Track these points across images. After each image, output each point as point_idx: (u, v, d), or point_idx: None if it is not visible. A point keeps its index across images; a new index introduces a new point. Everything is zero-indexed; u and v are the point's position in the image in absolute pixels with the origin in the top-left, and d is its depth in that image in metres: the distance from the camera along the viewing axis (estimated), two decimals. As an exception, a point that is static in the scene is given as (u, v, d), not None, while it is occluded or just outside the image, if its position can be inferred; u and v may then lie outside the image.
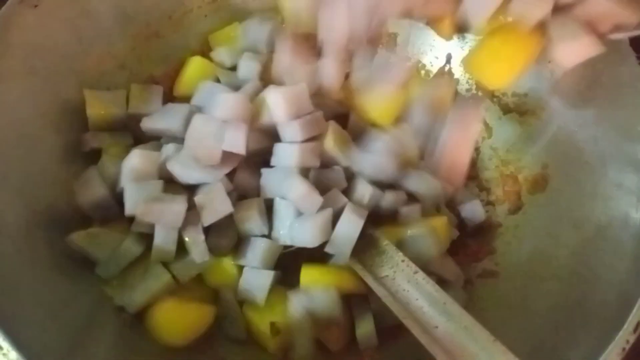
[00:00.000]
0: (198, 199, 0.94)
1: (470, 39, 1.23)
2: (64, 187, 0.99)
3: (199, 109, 1.05)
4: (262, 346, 0.99)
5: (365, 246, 0.97)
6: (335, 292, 0.96)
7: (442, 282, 0.94)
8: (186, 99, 1.13)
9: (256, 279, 0.96)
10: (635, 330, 0.76)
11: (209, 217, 0.94)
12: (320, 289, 0.96)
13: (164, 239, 0.94)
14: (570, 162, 1.05)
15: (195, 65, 1.18)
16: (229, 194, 0.96)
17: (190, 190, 0.98)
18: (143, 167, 0.97)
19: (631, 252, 0.86)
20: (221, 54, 1.19)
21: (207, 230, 0.97)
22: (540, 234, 1.06)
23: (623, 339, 0.76)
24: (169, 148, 1.00)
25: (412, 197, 1.04)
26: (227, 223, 0.96)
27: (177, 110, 1.06)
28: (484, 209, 1.15)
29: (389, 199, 1.01)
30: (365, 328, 1.00)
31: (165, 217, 0.92)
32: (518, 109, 1.18)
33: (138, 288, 0.95)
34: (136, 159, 0.97)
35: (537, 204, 1.10)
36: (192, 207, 0.95)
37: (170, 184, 0.99)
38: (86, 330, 0.88)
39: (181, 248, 0.96)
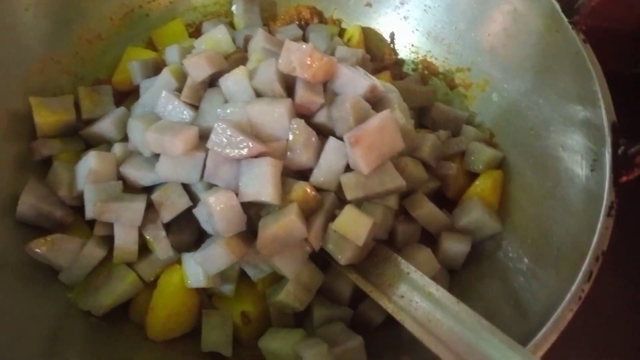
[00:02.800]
0: (155, 196, 0.94)
1: (414, 18, 1.26)
2: (17, 197, 0.96)
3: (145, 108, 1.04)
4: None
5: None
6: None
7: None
8: (125, 87, 1.15)
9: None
10: (588, 279, 0.80)
11: (168, 213, 0.94)
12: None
13: (124, 239, 0.93)
14: (515, 129, 1.08)
15: (129, 54, 1.19)
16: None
17: (150, 191, 0.98)
18: (101, 168, 0.97)
19: (580, 207, 0.90)
20: (171, 52, 1.16)
21: (168, 227, 0.97)
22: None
23: (579, 288, 0.79)
24: (116, 149, 1.00)
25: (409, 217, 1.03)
26: (187, 218, 0.96)
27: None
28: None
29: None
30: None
31: (123, 215, 0.92)
32: (463, 84, 1.21)
33: (102, 290, 0.94)
34: (93, 161, 0.96)
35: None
36: (151, 206, 0.95)
37: (130, 186, 0.99)
38: (55, 341, 0.87)
39: (144, 248, 0.97)
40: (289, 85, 0.96)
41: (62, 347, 0.88)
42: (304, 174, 0.95)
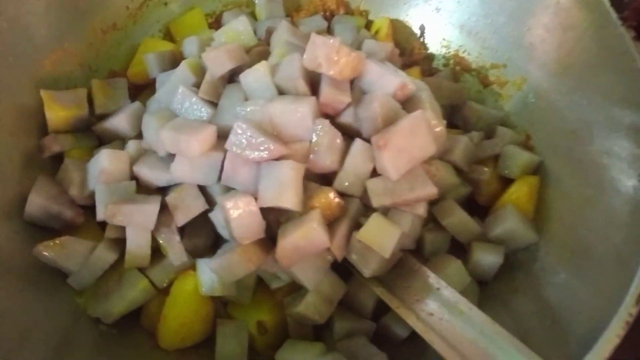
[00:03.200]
0: (169, 198, 0.89)
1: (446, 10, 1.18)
2: (26, 197, 0.92)
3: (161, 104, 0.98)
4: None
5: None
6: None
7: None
8: (141, 80, 1.10)
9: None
10: (637, 302, 0.73)
11: (183, 217, 0.89)
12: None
13: (137, 243, 0.89)
14: (554, 132, 1.01)
15: (146, 45, 1.14)
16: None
17: (164, 192, 0.93)
18: (113, 167, 0.92)
19: (626, 220, 0.83)
20: (190, 45, 1.10)
21: (183, 231, 0.92)
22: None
23: (626, 312, 0.72)
24: (130, 146, 0.95)
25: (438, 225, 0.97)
26: (203, 222, 0.91)
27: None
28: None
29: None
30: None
31: (135, 218, 0.87)
32: (498, 81, 1.14)
33: (113, 297, 0.89)
34: (105, 160, 0.91)
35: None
36: (165, 208, 0.90)
37: (143, 186, 0.94)
38: (62, 347, 0.83)
39: (157, 252, 0.92)
40: (313, 82, 0.90)
41: (70, 355, 0.84)
42: (327, 178, 0.89)
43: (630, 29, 0.89)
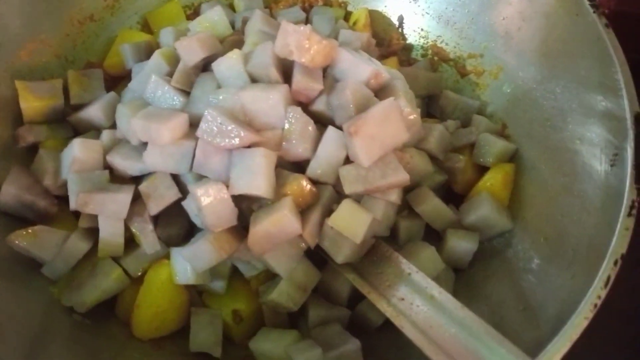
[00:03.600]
0: (142, 187, 0.89)
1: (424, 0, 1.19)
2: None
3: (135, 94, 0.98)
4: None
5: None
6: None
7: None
8: (117, 72, 1.10)
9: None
10: (605, 285, 0.73)
11: (156, 206, 0.89)
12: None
13: (109, 232, 0.88)
14: (530, 120, 1.01)
15: (123, 36, 1.13)
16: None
17: (138, 181, 0.92)
18: (85, 157, 0.92)
19: (598, 205, 0.83)
20: (166, 35, 1.08)
21: (156, 220, 0.92)
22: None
23: (594, 294, 0.73)
24: (104, 136, 0.95)
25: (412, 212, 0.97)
26: (177, 211, 0.90)
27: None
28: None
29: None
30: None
31: (108, 207, 0.86)
32: (475, 71, 1.14)
33: (86, 286, 0.89)
34: (78, 149, 0.91)
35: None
36: (138, 198, 0.90)
37: (117, 176, 0.94)
38: (38, 338, 0.83)
39: (132, 241, 0.92)
40: (286, 70, 0.90)
41: (45, 345, 0.83)
42: (300, 166, 0.89)
43: (603, 16, 0.90)
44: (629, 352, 1.07)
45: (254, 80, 0.89)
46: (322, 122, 0.89)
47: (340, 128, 0.86)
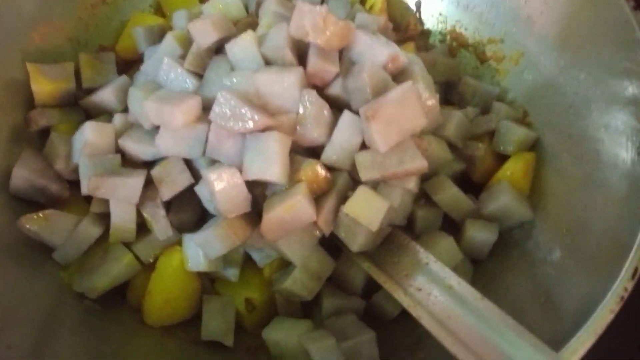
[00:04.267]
0: (154, 172, 0.87)
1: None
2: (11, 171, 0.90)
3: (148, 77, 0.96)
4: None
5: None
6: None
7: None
8: (130, 55, 1.08)
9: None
10: (633, 276, 0.71)
11: (168, 191, 0.87)
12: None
13: (121, 217, 0.87)
14: (551, 107, 0.98)
15: (135, 19, 1.11)
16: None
17: (151, 166, 0.91)
18: (97, 140, 0.90)
19: (623, 195, 0.80)
20: (179, 18, 1.06)
21: (169, 206, 0.90)
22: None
23: (621, 286, 0.70)
24: (116, 120, 0.93)
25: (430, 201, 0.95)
26: (189, 197, 0.89)
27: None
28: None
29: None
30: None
31: (119, 191, 0.85)
32: (495, 57, 1.11)
33: (97, 271, 0.87)
34: (89, 133, 0.90)
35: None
36: (151, 183, 0.89)
37: (130, 160, 0.92)
38: (48, 323, 0.82)
39: (144, 227, 0.90)
40: (302, 53, 0.88)
41: (55, 330, 0.82)
42: (315, 151, 0.87)
43: (630, -2, 0.86)
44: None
45: (268, 62, 0.87)
46: (337, 106, 0.87)
47: (356, 112, 0.83)
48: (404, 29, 1.20)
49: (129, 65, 1.11)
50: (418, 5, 1.21)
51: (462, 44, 1.16)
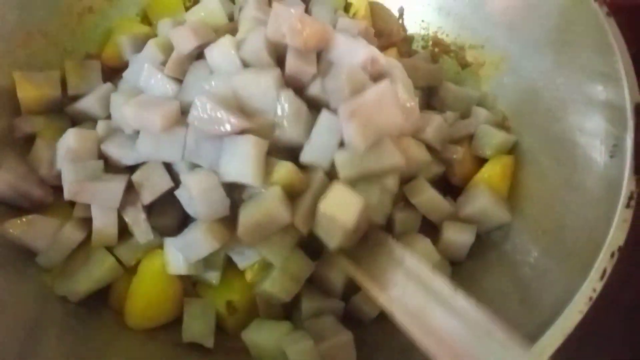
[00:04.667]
0: (135, 176, 0.89)
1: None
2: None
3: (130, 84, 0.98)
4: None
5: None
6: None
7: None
8: (115, 63, 1.09)
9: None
10: (601, 278, 0.72)
11: (149, 195, 0.88)
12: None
13: (103, 221, 0.88)
14: (531, 111, 0.99)
15: (120, 27, 1.12)
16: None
17: (133, 171, 0.92)
18: (80, 146, 0.91)
19: (598, 197, 0.81)
20: (164, 27, 1.08)
21: (150, 210, 0.91)
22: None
23: (589, 287, 0.71)
24: (99, 126, 0.95)
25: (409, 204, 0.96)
26: (171, 201, 0.90)
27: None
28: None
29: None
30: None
31: (100, 196, 0.86)
32: (476, 62, 1.12)
33: (79, 275, 0.88)
34: (72, 139, 0.91)
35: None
36: (132, 187, 0.90)
37: (113, 166, 0.94)
38: (33, 327, 0.83)
39: (126, 231, 0.91)
40: (280, 56, 0.89)
41: (39, 333, 0.83)
42: (295, 152, 0.87)
43: (604, 4, 0.87)
44: (629, 347, 1.05)
45: (247, 66, 0.88)
46: (317, 107, 0.88)
47: (334, 112, 0.85)
48: (388, 36, 1.21)
49: (115, 72, 1.11)
50: (401, 12, 1.22)
51: (444, 50, 1.18)
